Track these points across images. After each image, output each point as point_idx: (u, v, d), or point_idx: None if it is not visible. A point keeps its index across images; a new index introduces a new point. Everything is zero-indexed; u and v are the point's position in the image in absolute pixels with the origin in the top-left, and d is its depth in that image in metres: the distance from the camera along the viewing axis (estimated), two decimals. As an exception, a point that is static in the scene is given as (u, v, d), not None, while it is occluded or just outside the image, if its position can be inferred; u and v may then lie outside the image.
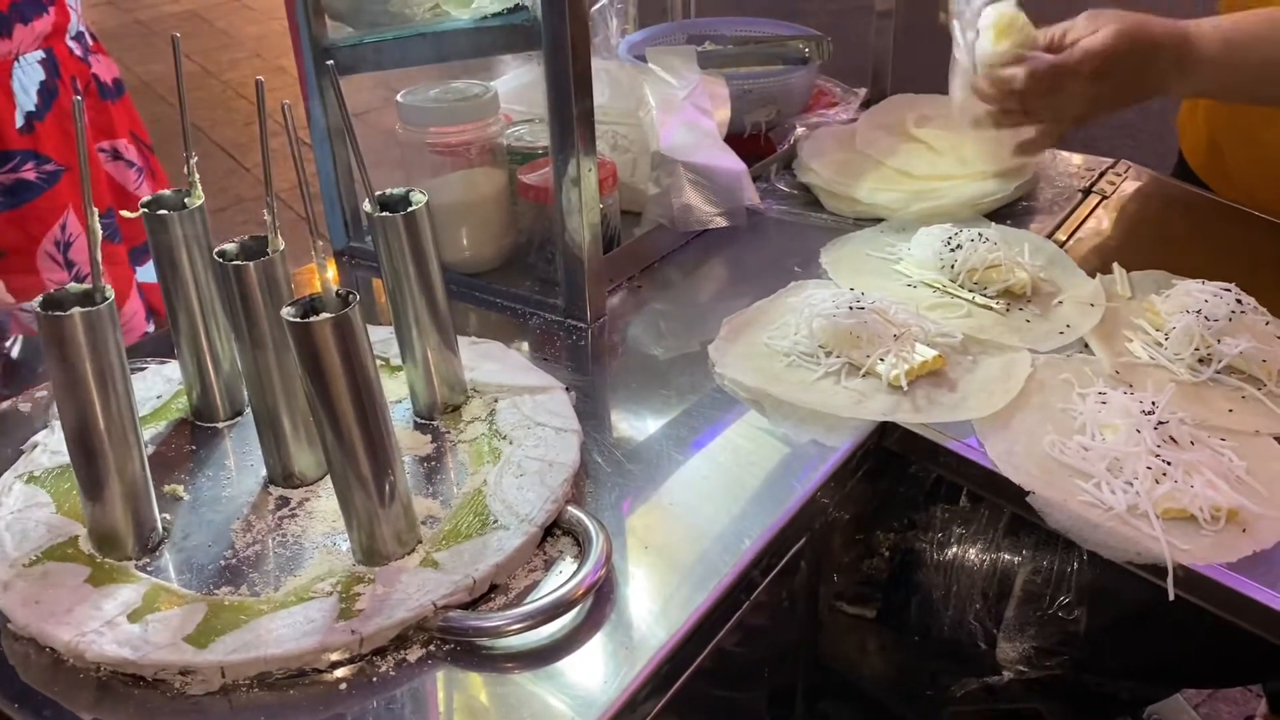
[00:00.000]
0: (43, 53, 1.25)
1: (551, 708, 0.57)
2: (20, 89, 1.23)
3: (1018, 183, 1.08)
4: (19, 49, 1.22)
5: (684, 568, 0.66)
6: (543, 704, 0.57)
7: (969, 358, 0.85)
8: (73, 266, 1.28)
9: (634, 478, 0.74)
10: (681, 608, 0.63)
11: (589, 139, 0.84)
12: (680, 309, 0.96)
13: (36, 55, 1.24)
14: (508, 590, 0.63)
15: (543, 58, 0.81)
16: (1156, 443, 0.75)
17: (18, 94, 1.23)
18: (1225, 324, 0.84)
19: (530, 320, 0.93)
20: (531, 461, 0.70)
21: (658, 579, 0.66)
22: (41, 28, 1.24)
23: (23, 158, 1.24)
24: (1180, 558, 0.69)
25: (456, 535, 0.64)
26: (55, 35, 1.26)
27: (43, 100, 1.25)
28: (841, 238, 1.04)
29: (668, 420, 0.80)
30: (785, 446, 0.78)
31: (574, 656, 0.60)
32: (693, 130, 1.01)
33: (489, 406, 0.76)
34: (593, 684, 0.58)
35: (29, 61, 1.24)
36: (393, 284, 0.72)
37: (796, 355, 0.85)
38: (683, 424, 0.80)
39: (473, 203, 0.97)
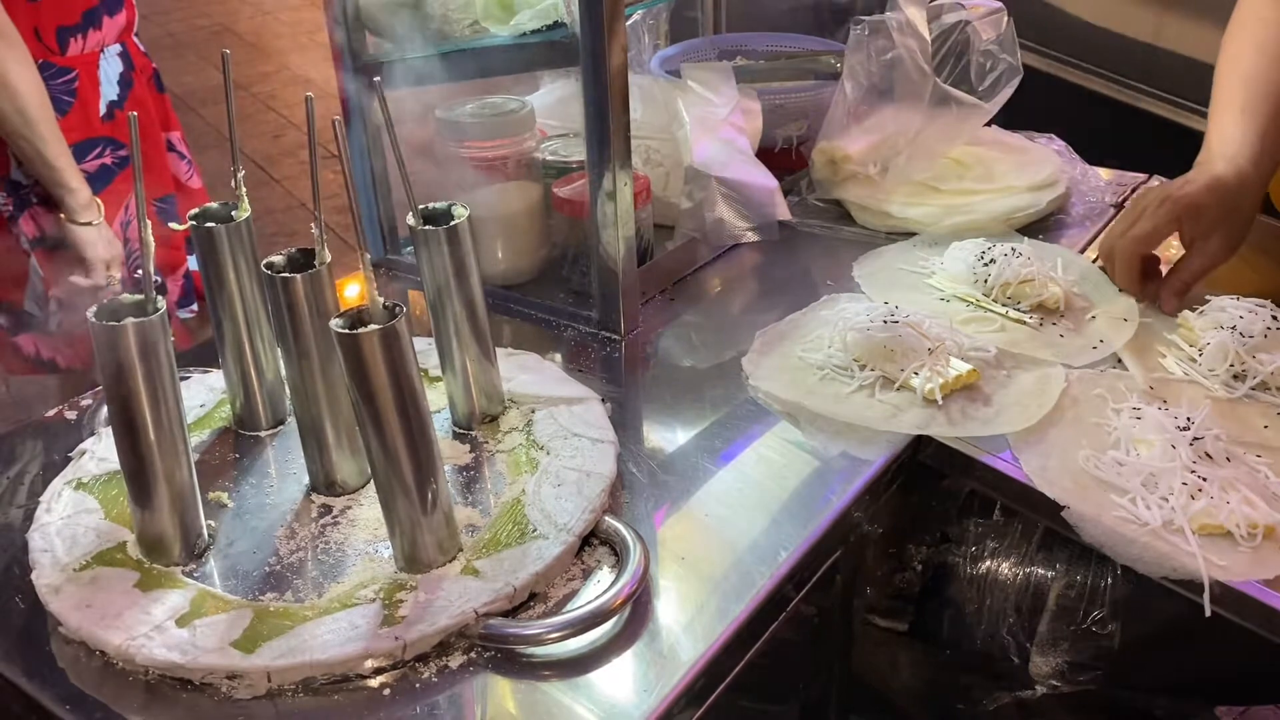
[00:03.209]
0: (120, 46, 1.41)
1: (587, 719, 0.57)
2: (105, 79, 1.38)
3: (1050, 197, 1.08)
4: (105, 41, 1.38)
5: (718, 580, 0.67)
6: (578, 715, 0.58)
7: (1003, 372, 0.85)
8: (128, 243, 1.43)
9: (669, 489, 0.74)
10: (716, 621, 0.64)
11: (625, 153, 0.85)
12: (713, 321, 0.96)
13: (116, 49, 1.40)
14: (547, 599, 0.64)
15: (581, 73, 0.82)
16: (1192, 459, 0.75)
17: (103, 84, 1.38)
18: (1260, 340, 0.84)
19: (565, 332, 0.94)
20: (569, 472, 0.71)
21: (692, 591, 0.66)
22: (121, 22, 1.40)
23: (104, 145, 1.39)
24: (1217, 574, 0.69)
25: (496, 544, 0.65)
26: (127, 30, 1.42)
27: (122, 90, 1.41)
28: (874, 251, 1.05)
29: (701, 432, 0.81)
30: (819, 460, 0.78)
31: (610, 667, 0.61)
32: (726, 146, 1.02)
33: (526, 417, 0.77)
34: (628, 696, 0.59)
35: (111, 54, 1.40)
36: (433, 296, 0.73)
37: (830, 368, 0.85)
38: (716, 435, 0.81)
39: (508, 216, 0.98)
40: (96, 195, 1.36)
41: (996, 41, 1.07)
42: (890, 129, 1.09)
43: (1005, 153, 1.14)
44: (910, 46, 1.03)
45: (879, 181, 1.09)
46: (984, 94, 1.08)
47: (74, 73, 1.36)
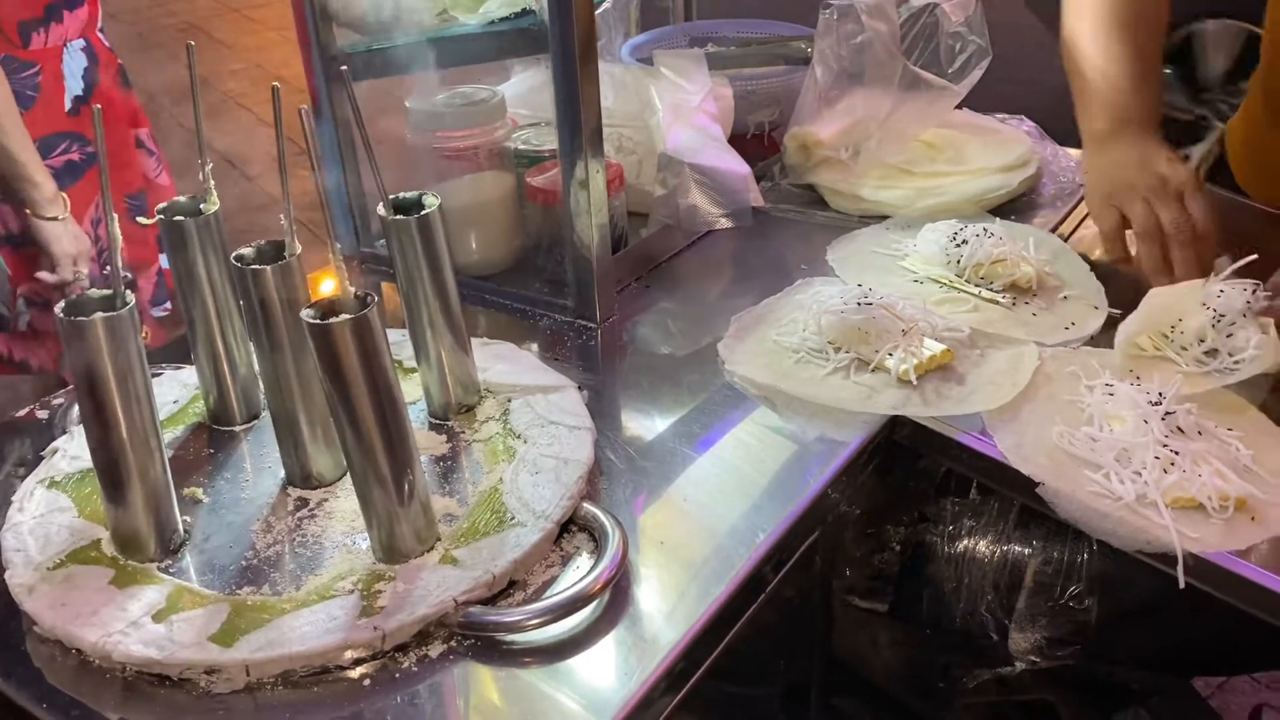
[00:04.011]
0: (83, 41, 1.39)
1: (569, 705, 0.57)
2: (69, 74, 1.37)
3: (1021, 178, 1.08)
4: (67, 35, 1.36)
5: (697, 564, 0.67)
6: (560, 701, 0.58)
7: (977, 351, 0.86)
8: (98, 241, 1.41)
9: (647, 474, 0.75)
10: (695, 604, 0.64)
11: (597, 141, 0.85)
12: (688, 308, 0.97)
13: (79, 43, 1.39)
14: (526, 586, 0.64)
15: (550, 61, 0.82)
16: (1164, 433, 0.76)
17: (67, 79, 1.37)
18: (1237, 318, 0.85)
19: (540, 321, 0.94)
20: (546, 459, 0.71)
21: (671, 575, 0.67)
22: (83, 17, 1.38)
23: (70, 140, 1.37)
24: (1190, 546, 0.69)
25: (475, 532, 0.65)
26: (90, 25, 1.41)
27: (87, 85, 1.39)
28: (847, 235, 1.05)
29: (678, 417, 0.81)
30: (795, 442, 0.78)
31: (590, 652, 0.61)
32: (698, 132, 1.02)
33: (502, 406, 0.77)
34: (608, 681, 0.59)
35: (75, 49, 1.38)
36: (406, 286, 0.73)
37: (805, 352, 0.85)
38: (693, 421, 0.81)
39: (481, 206, 0.98)
40: (63, 191, 1.35)
41: (965, 24, 1.07)
42: (861, 113, 1.09)
43: (976, 134, 1.15)
44: (879, 30, 1.04)
45: (851, 165, 1.09)
46: (954, 76, 1.08)
47: (37, 67, 1.34)
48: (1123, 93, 0.97)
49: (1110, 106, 0.97)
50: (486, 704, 0.59)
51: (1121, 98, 0.97)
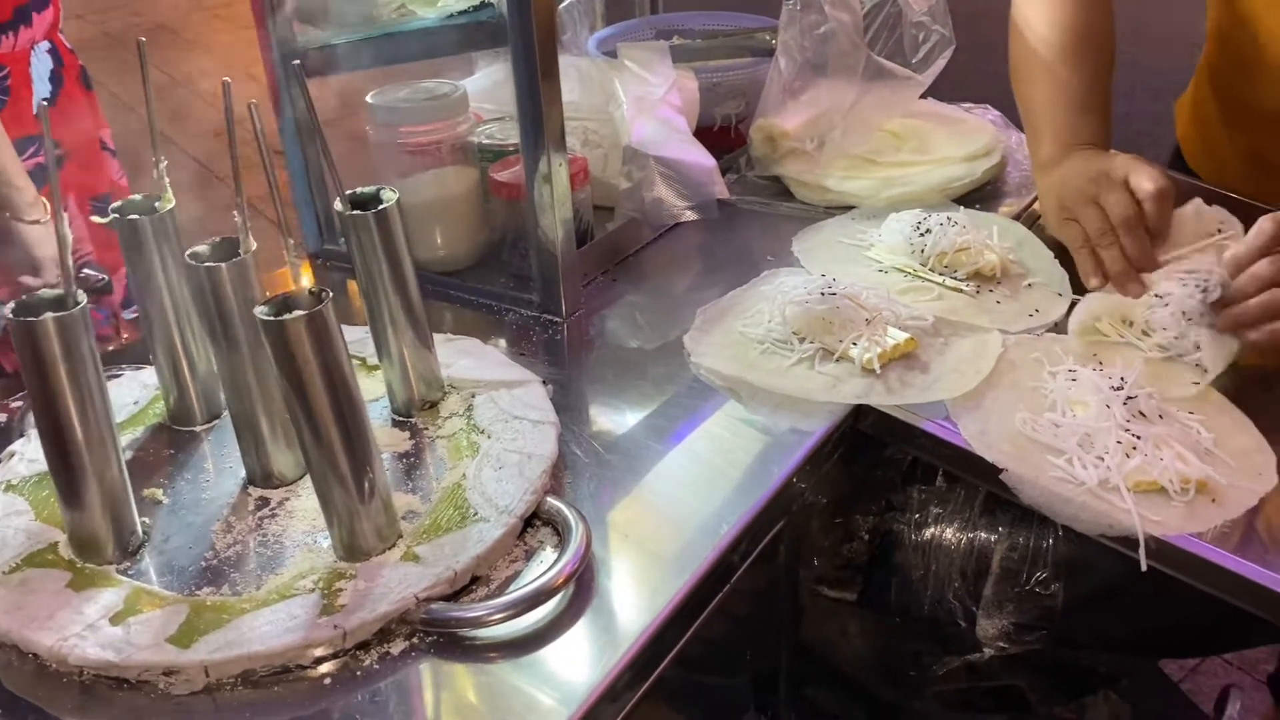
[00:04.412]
0: (49, 43, 1.37)
1: (534, 697, 0.57)
2: (37, 77, 1.35)
3: (985, 167, 1.09)
4: (35, 37, 1.35)
5: (663, 555, 0.67)
6: (525, 693, 0.58)
7: (940, 339, 0.86)
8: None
9: (612, 468, 0.74)
10: (661, 594, 0.64)
11: (559, 135, 0.85)
12: (655, 301, 0.96)
13: (45, 45, 1.37)
14: (489, 581, 0.63)
15: (510, 55, 0.81)
16: (1126, 418, 0.76)
17: (35, 81, 1.35)
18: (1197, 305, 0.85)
19: (506, 316, 0.94)
20: (510, 454, 0.70)
21: (637, 567, 0.67)
22: (49, 18, 1.37)
23: (39, 143, 1.34)
24: (1151, 529, 0.70)
25: (437, 529, 0.65)
26: (54, 27, 1.39)
27: (54, 87, 1.38)
28: (813, 226, 1.05)
29: (645, 411, 0.81)
30: (761, 433, 0.79)
31: (555, 645, 0.61)
32: (663, 125, 1.02)
33: (466, 402, 0.77)
34: (574, 673, 0.59)
35: (41, 51, 1.36)
36: (366, 282, 0.72)
37: (771, 342, 0.85)
38: (660, 414, 0.81)
39: (445, 201, 0.97)
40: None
41: (928, 13, 1.07)
42: (826, 104, 1.09)
43: (941, 124, 1.15)
44: (842, 20, 1.04)
45: (816, 156, 1.09)
46: (918, 66, 1.08)
47: (6, 70, 1.33)
48: (1071, 119, 0.96)
49: (1059, 133, 0.96)
50: (450, 699, 0.58)
51: (1070, 124, 0.96)
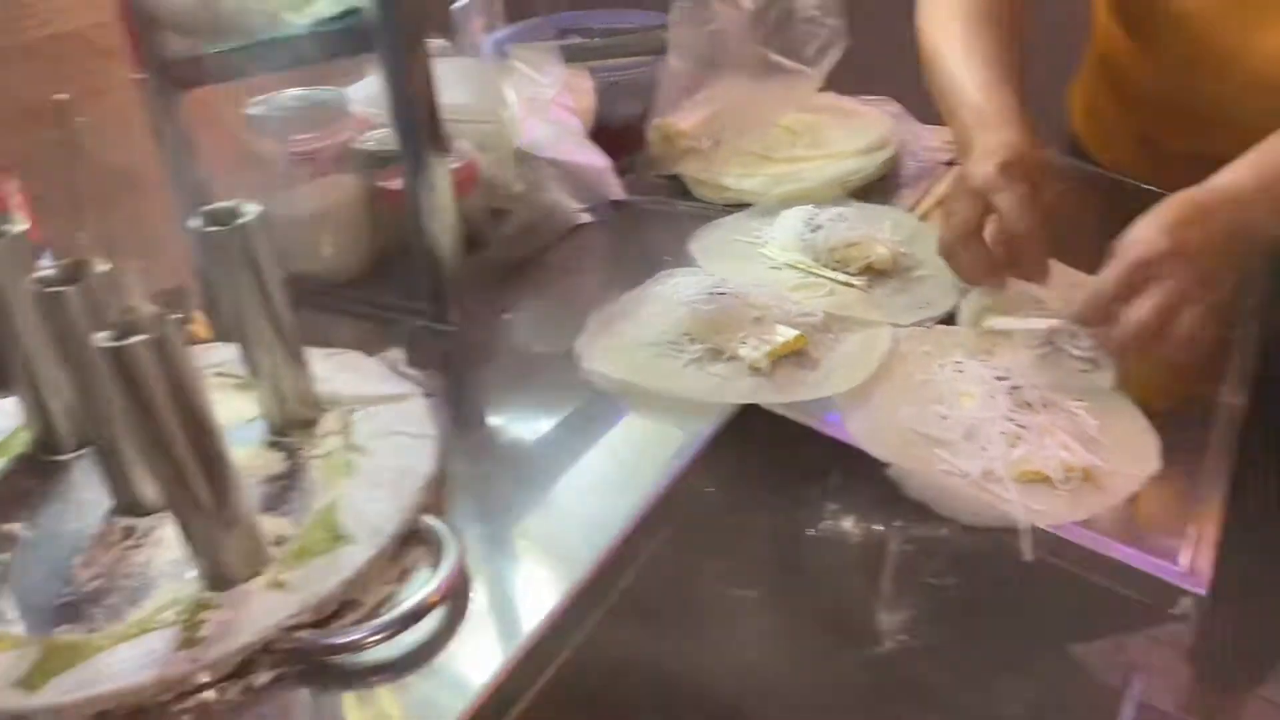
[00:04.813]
0: None
1: (413, 716, 0.56)
2: None
3: (880, 160, 1.09)
4: None
5: (547, 564, 0.66)
6: (404, 715, 0.56)
7: (831, 335, 0.86)
8: None
9: (496, 480, 0.73)
10: (544, 603, 0.63)
11: (437, 139, 0.83)
12: (551, 305, 0.95)
13: None
14: (361, 605, 0.62)
15: (380, 59, 0.80)
16: (1011, 407, 0.77)
17: None
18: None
19: (396, 327, 0.92)
20: (386, 472, 0.69)
21: (520, 578, 0.65)
22: None
23: None
24: (1035, 519, 0.70)
25: (307, 553, 0.63)
26: None
27: None
28: (711, 225, 1.04)
29: (535, 419, 0.80)
30: (652, 437, 0.78)
31: (435, 663, 0.59)
32: (555, 127, 1.00)
33: (345, 419, 0.75)
34: (454, 690, 0.57)
35: None
36: (230, 301, 0.70)
37: (663, 345, 0.84)
38: (550, 421, 0.79)
39: (331, 210, 0.95)
40: None
41: (819, 7, 1.07)
42: (720, 102, 1.09)
43: (837, 118, 1.15)
44: (731, 16, 1.03)
45: (713, 155, 1.08)
46: (810, 60, 1.08)
47: None
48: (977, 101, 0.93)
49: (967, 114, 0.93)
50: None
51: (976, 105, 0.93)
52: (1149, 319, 0.76)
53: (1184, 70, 1.01)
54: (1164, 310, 0.76)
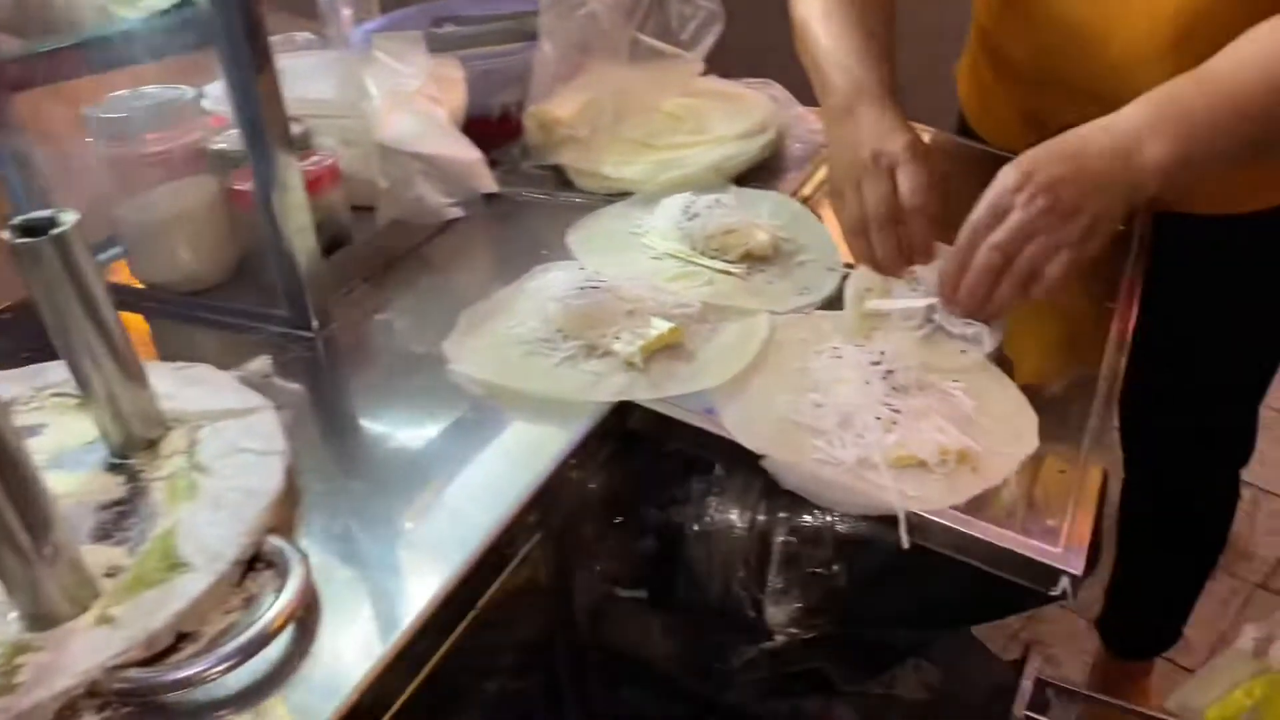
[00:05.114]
0: None
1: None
2: None
3: (760, 144, 1.07)
4: None
5: (408, 578, 0.63)
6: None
7: (708, 326, 0.84)
8: None
9: (353, 494, 0.69)
10: (405, 616, 0.60)
11: (284, 136, 0.79)
12: (422, 306, 0.91)
13: None
14: (199, 637, 0.58)
15: (218, 54, 0.75)
16: (885, 392, 0.75)
17: None
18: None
19: (256, 335, 0.87)
20: (231, 493, 0.65)
21: (380, 593, 0.62)
22: None
23: None
24: (911, 505, 0.69)
25: (140, 584, 0.59)
26: None
27: None
28: (590, 216, 1.01)
29: (398, 427, 0.76)
30: (522, 439, 0.75)
31: (283, 691, 0.56)
32: (420, 118, 0.97)
33: (190, 437, 0.71)
34: (304, 716, 0.54)
35: None
36: (53, 317, 0.65)
37: (535, 343, 0.81)
38: (415, 429, 0.76)
39: (184, 215, 0.90)
40: None
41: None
42: (598, 87, 1.06)
43: (718, 102, 1.13)
44: (603, 0, 1.00)
45: (591, 143, 1.05)
46: (687, 43, 1.06)
47: None
48: (852, 68, 0.92)
49: (842, 82, 0.91)
50: (150, 775, 0.53)
51: (852, 72, 0.92)
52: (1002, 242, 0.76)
53: (1056, 49, 1.01)
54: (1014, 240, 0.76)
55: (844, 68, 0.91)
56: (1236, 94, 0.79)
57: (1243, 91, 0.78)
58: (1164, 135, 0.78)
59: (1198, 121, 0.78)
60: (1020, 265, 0.77)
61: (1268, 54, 0.79)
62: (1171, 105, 0.79)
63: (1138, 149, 0.78)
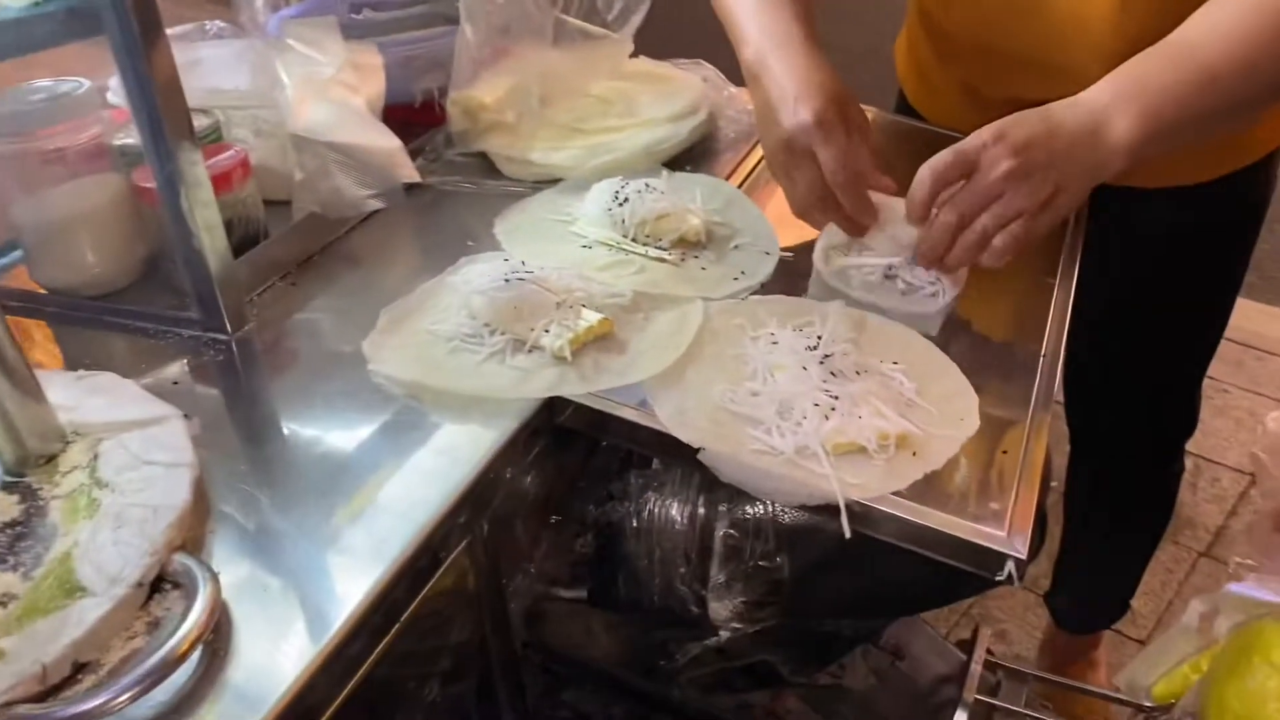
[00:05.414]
0: None
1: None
2: None
3: (691, 126, 1.04)
4: None
5: (331, 585, 0.60)
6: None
7: (641, 315, 0.81)
8: None
9: (273, 505, 0.66)
10: (323, 630, 0.57)
11: (185, 128, 0.74)
12: (343, 303, 0.87)
13: None
14: (99, 666, 0.54)
15: (110, 43, 0.71)
16: (823, 378, 0.73)
17: None
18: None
19: (167, 340, 0.83)
20: (134, 509, 0.61)
21: (294, 605, 0.59)
22: None
23: None
24: (851, 493, 0.67)
25: (33, 613, 0.55)
26: None
27: None
28: (518, 204, 0.98)
29: (320, 432, 0.73)
30: (449, 439, 0.71)
31: (197, 715, 0.53)
32: (337, 108, 0.92)
33: (92, 450, 0.66)
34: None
35: None
36: (-71, 328, 0.60)
37: (460, 339, 0.78)
38: (337, 433, 0.72)
39: (87, 215, 0.85)
40: None
41: (618, -32, 1.02)
42: (525, 71, 1.02)
43: (648, 84, 1.10)
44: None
45: (517, 128, 1.02)
46: (614, 24, 1.03)
47: None
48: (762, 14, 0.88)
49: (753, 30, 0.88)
50: (46, 819, 0.49)
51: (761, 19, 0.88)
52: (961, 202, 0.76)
53: (995, 19, 1.00)
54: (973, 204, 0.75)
55: (753, 14, 0.88)
56: (1205, 66, 0.77)
57: (1211, 63, 0.77)
58: (1131, 113, 0.76)
59: (1166, 99, 0.77)
60: (974, 230, 0.77)
61: (1234, 23, 0.77)
62: (1137, 83, 0.78)
63: (1107, 127, 0.76)
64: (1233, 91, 0.78)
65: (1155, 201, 1.05)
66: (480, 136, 1.04)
